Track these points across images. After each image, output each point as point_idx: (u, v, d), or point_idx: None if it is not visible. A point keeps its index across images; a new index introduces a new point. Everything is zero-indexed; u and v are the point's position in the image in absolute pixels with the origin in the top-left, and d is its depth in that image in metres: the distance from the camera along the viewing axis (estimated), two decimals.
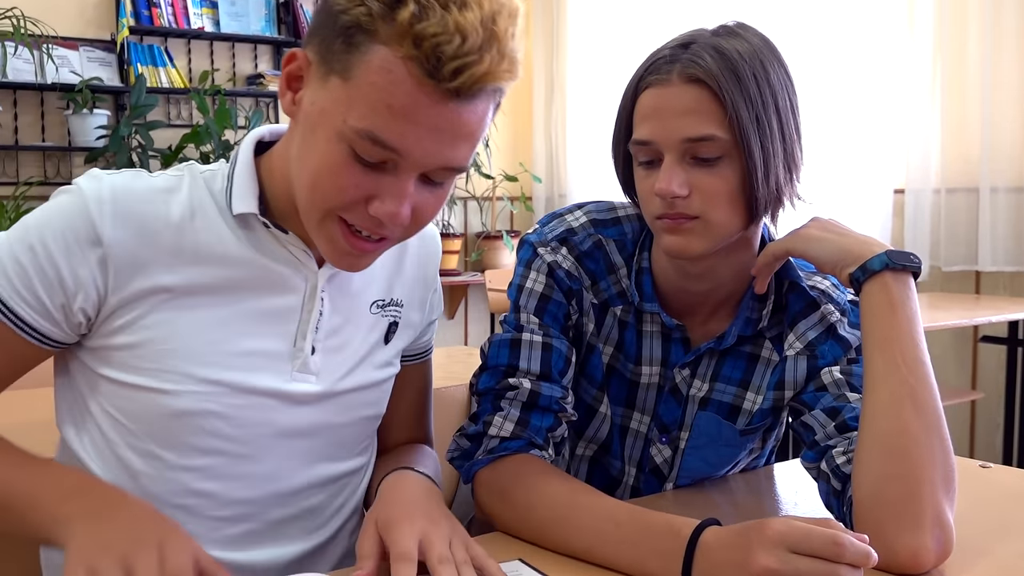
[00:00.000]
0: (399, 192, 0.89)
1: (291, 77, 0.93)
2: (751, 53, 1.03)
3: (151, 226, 0.97)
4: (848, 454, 1.03)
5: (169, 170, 1.03)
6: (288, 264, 1.02)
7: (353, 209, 0.91)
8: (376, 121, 0.85)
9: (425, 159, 0.88)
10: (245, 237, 1.00)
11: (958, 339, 3.89)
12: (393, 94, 0.84)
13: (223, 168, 1.03)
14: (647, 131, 1.05)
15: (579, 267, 1.18)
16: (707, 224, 1.05)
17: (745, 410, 1.18)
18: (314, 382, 1.03)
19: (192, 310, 0.97)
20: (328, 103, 0.88)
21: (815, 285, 1.17)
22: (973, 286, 3.86)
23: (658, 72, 1.04)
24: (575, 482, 1.06)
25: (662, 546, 0.90)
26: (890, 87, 3.93)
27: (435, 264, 1.19)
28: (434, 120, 0.86)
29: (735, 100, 1.01)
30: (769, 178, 1.04)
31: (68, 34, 4.42)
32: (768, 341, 1.18)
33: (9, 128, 4.38)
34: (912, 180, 3.89)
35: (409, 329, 1.15)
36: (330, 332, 1.05)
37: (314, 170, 0.90)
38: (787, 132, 1.05)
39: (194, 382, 0.97)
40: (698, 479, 1.24)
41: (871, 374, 1.00)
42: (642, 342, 1.19)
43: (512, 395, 1.12)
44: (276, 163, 1.01)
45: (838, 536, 0.82)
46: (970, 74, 3.71)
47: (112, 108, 4.55)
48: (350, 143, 0.87)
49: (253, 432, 1.01)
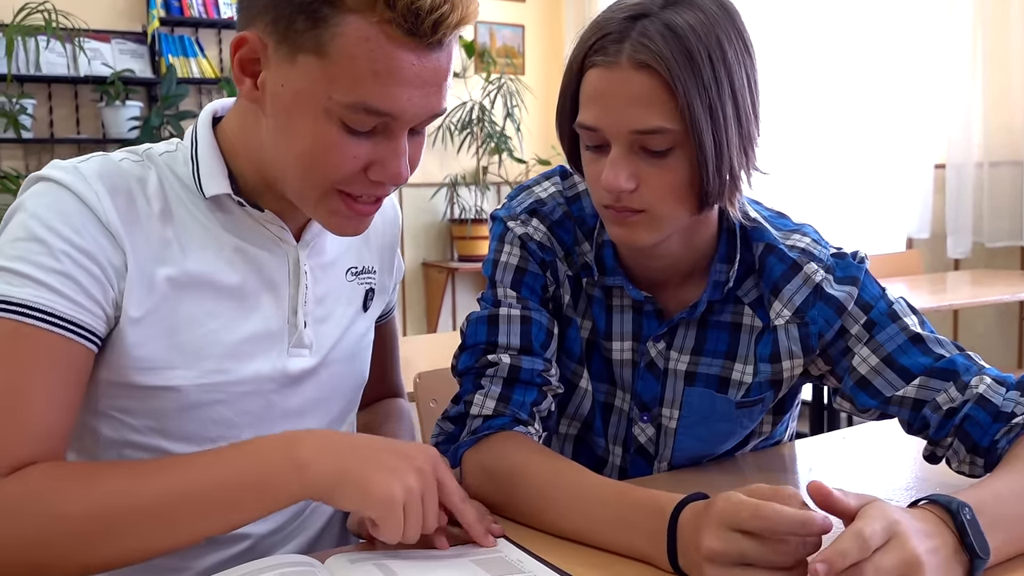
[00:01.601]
0: (396, 152, 0.90)
1: (245, 62, 0.90)
2: (706, 27, 0.94)
3: (138, 215, 0.94)
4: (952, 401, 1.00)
5: (124, 153, 0.98)
6: (268, 242, 1.01)
7: (353, 180, 0.91)
8: (365, 91, 0.85)
9: (417, 114, 0.89)
10: (222, 220, 0.98)
11: (1003, 316, 3.79)
12: (376, 60, 0.84)
13: (182, 150, 1.00)
14: (593, 117, 0.98)
15: (551, 237, 1.15)
16: (654, 217, 1.00)
17: (735, 381, 1.13)
18: (308, 355, 1.04)
19: (186, 302, 0.95)
20: (304, 83, 0.87)
21: (795, 244, 1.11)
22: (1018, 262, 3.75)
23: (605, 52, 0.96)
24: (560, 460, 1.02)
25: (649, 526, 0.86)
26: (929, 58, 3.81)
27: (396, 229, 1.20)
28: (420, 75, 0.86)
29: (688, 89, 0.93)
30: (722, 168, 0.98)
31: (99, 27, 4.46)
32: (748, 307, 1.12)
33: (44, 122, 4.43)
34: (953, 154, 3.78)
35: (383, 294, 1.18)
36: (316, 304, 1.05)
37: (305, 152, 0.89)
38: (743, 113, 0.98)
39: (198, 375, 0.96)
40: (695, 458, 1.19)
41: None
42: (611, 316, 1.15)
43: (492, 372, 1.09)
44: (233, 139, 0.99)
45: (762, 508, 0.75)
46: (1013, 43, 3.59)
47: (144, 99, 4.59)
48: (340, 118, 0.87)
49: (256, 416, 1.01)
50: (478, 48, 5.40)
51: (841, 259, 1.11)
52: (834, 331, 1.09)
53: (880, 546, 0.72)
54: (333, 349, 1.07)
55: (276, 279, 1.01)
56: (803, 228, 1.15)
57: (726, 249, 1.11)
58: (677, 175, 0.98)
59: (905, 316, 1.07)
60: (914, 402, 1.03)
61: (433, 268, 5.34)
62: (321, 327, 1.05)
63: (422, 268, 5.41)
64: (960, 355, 1.04)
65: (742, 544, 0.75)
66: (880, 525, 0.73)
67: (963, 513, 0.78)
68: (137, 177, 0.95)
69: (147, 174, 0.96)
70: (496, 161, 5.39)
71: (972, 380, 1.01)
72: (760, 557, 0.75)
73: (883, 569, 0.71)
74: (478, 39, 5.44)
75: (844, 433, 1.39)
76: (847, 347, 1.08)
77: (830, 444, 1.33)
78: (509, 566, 0.85)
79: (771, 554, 0.75)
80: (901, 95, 3.92)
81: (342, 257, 1.10)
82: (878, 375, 1.05)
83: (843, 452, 1.28)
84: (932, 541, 0.75)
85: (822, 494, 0.75)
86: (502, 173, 5.38)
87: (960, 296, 3.03)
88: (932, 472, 1.09)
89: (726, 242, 1.11)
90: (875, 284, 1.10)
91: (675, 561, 0.83)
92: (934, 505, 0.80)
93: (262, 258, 1.00)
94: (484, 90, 5.30)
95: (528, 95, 5.39)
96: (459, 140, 5.28)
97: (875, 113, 4.02)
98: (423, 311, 5.41)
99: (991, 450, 0.98)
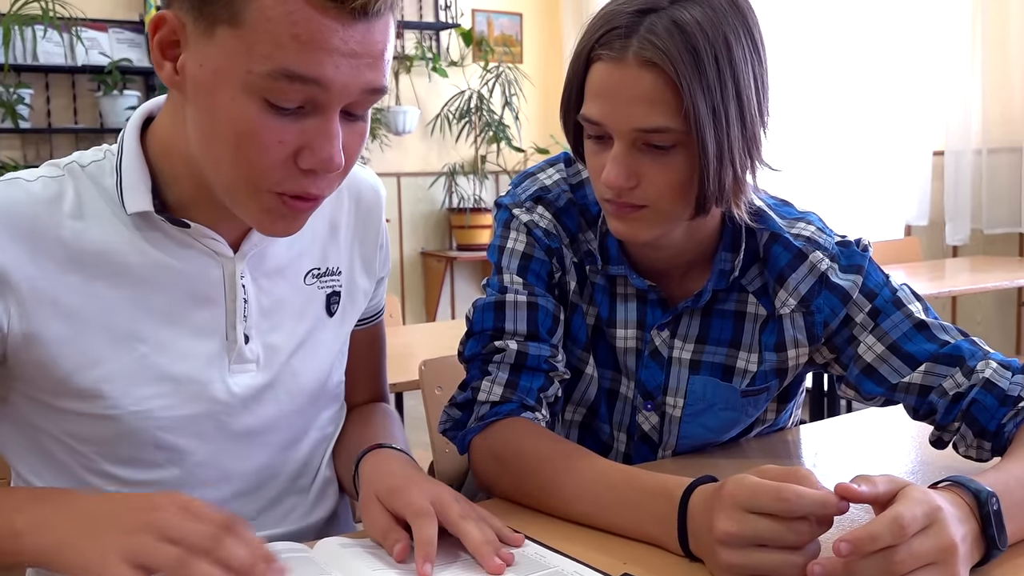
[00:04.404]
0: (328, 132, 0.82)
1: (164, 45, 0.83)
2: (713, 24, 0.94)
3: (42, 243, 0.88)
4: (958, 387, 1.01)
5: (44, 170, 0.93)
6: (199, 256, 0.94)
7: (283, 172, 0.83)
8: (286, 56, 0.78)
9: (348, 86, 0.80)
10: (147, 238, 0.92)
11: (1002, 302, 3.80)
12: (296, 23, 0.77)
13: (110, 158, 0.94)
14: (597, 111, 0.98)
15: (556, 224, 1.15)
16: (655, 213, 1.01)
17: (740, 369, 1.13)
18: (255, 371, 0.98)
19: (111, 329, 0.90)
20: (222, 59, 0.79)
21: (799, 233, 1.11)
22: (1017, 248, 3.76)
23: (611, 47, 0.95)
24: (568, 444, 1.02)
25: (658, 510, 0.86)
26: (928, 46, 3.81)
27: (377, 218, 1.11)
28: (347, 44, 0.79)
29: (692, 89, 0.93)
30: (723, 171, 0.97)
31: (97, 16, 4.44)
32: (752, 296, 1.13)
33: (42, 111, 4.42)
34: (952, 141, 3.78)
35: (359, 295, 1.10)
36: (261, 316, 0.98)
37: (227, 137, 0.81)
38: (748, 114, 0.97)
39: (132, 401, 0.92)
40: (699, 446, 1.19)
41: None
42: (615, 304, 1.15)
43: (499, 358, 1.09)
44: (163, 142, 0.92)
45: (783, 490, 0.75)
46: (1012, 30, 3.59)
47: (142, 89, 4.57)
48: (262, 93, 0.79)
49: (206, 438, 0.96)
50: (476, 37, 5.39)
51: (845, 247, 1.11)
52: (839, 319, 1.09)
53: (919, 530, 0.72)
54: (289, 362, 1.00)
55: (210, 294, 0.95)
56: (807, 216, 1.15)
57: (731, 238, 1.11)
58: (679, 173, 0.98)
59: (909, 303, 1.08)
60: (920, 388, 1.04)
61: (432, 257, 5.34)
62: (269, 339, 0.99)
63: (421, 257, 5.41)
64: (965, 340, 1.05)
65: (758, 525, 0.75)
66: (922, 510, 0.72)
67: (991, 503, 0.78)
68: (47, 197, 0.89)
69: (64, 191, 0.91)
70: (494, 150, 5.38)
71: (978, 365, 1.01)
72: (776, 538, 0.75)
73: (918, 555, 0.71)
74: (476, 27, 5.43)
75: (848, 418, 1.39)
76: (852, 335, 1.09)
77: (835, 429, 1.34)
78: (528, 561, 0.84)
79: (787, 534, 0.75)
80: (900, 82, 3.92)
81: (298, 261, 1.02)
82: (884, 362, 1.06)
83: (848, 437, 1.29)
84: (964, 527, 0.76)
85: (850, 494, 0.74)
86: (500, 162, 5.37)
87: (959, 283, 3.03)
88: (936, 456, 1.09)
89: (730, 231, 1.11)
90: (879, 272, 1.11)
91: (686, 544, 0.84)
92: (961, 489, 0.80)
93: (192, 274, 0.93)
94: (482, 79, 5.29)
95: (526, 83, 5.38)
96: (457, 129, 5.27)
97: (874, 100, 4.02)
98: (422, 300, 5.41)
99: (998, 434, 0.99)
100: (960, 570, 0.73)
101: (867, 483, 0.75)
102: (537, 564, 0.83)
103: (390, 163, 5.21)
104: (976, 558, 0.78)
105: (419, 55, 5.15)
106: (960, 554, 0.73)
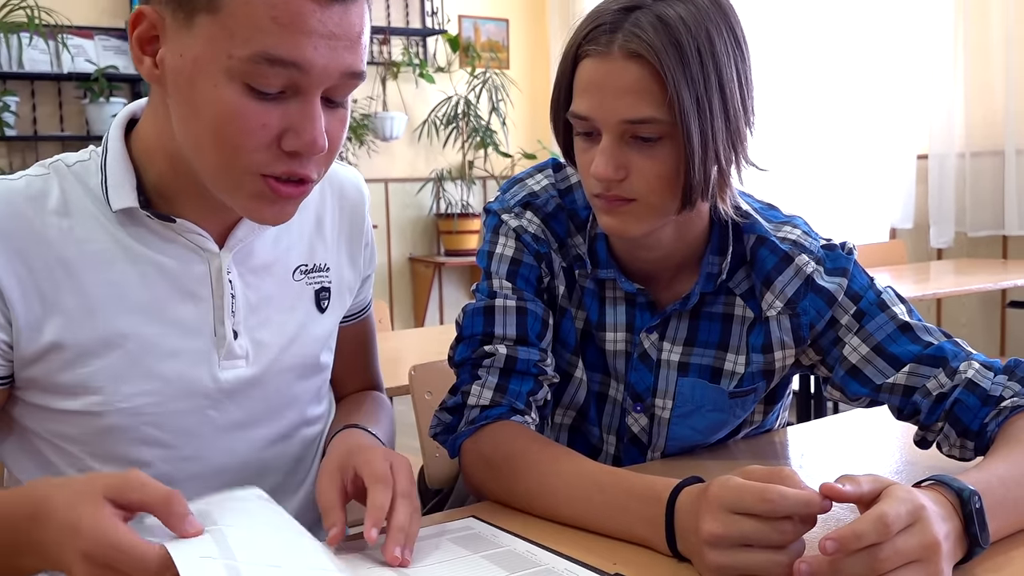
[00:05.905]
0: (310, 115, 0.84)
1: (144, 40, 0.85)
2: (696, 20, 0.97)
3: (26, 241, 0.89)
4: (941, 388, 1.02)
5: (30, 169, 0.94)
6: (185, 252, 0.95)
7: (268, 154, 0.84)
8: (266, 40, 0.80)
9: (327, 68, 0.82)
10: (134, 233, 0.93)
11: (986, 305, 3.82)
12: (275, 5, 0.79)
13: (95, 158, 0.95)
14: (585, 106, 1.00)
15: (545, 229, 1.16)
16: (644, 206, 1.02)
17: (727, 371, 1.15)
18: (244, 366, 0.98)
19: (98, 327, 0.91)
20: (202, 47, 0.81)
21: (785, 236, 1.13)
22: (1000, 251, 3.79)
23: (598, 42, 0.98)
24: (557, 447, 1.03)
25: (646, 511, 0.87)
26: (911, 50, 3.85)
27: (360, 215, 1.12)
28: (326, 26, 0.81)
29: (676, 80, 0.95)
30: (707, 162, 0.99)
31: (82, 23, 4.43)
32: (739, 298, 1.14)
33: (28, 119, 4.41)
34: (936, 145, 3.81)
35: (345, 292, 1.11)
36: (250, 311, 0.99)
37: (211, 124, 0.83)
38: (731, 108, 1.00)
39: (121, 398, 0.92)
40: (688, 448, 1.21)
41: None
42: (605, 308, 1.17)
43: (489, 362, 1.10)
44: (146, 141, 0.93)
45: (767, 491, 0.76)
46: (993, 34, 3.62)
47: (128, 96, 4.56)
48: (243, 77, 0.81)
49: (193, 433, 0.97)
50: (463, 42, 5.40)
51: (831, 251, 1.13)
52: (825, 321, 1.11)
53: (903, 528, 0.73)
54: (280, 357, 1.01)
55: (197, 290, 0.95)
56: (793, 220, 1.16)
57: (718, 241, 1.13)
58: (666, 165, 1.00)
59: (893, 305, 1.09)
60: (904, 389, 1.05)
61: (420, 263, 5.34)
62: (259, 334, 1.00)
63: (409, 263, 5.41)
64: (948, 342, 1.06)
65: (743, 526, 0.77)
66: (905, 508, 0.73)
67: (973, 502, 0.79)
68: (34, 196, 0.91)
69: (49, 188, 0.92)
70: (482, 155, 5.39)
71: (961, 366, 1.03)
72: (761, 538, 0.76)
73: (902, 552, 0.72)
74: (462, 33, 5.44)
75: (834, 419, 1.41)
76: (838, 337, 1.10)
77: (821, 430, 1.35)
78: (485, 542, 0.86)
79: (772, 534, 0.76)
80: (884, 87, 3.96)
81: (285, 257, 1.03)
82: (868, 363, 1.07)
83: (834, 438, 1.30)
84: (947, 525, 0.77)
85: (835, 493, 0.75)
86: (488, 167, 5.38)
87: (943, 285, 3.06)
88: (921, 456, 1.11)
89: (718, 234, 1.13)
90: (864, 274, 1.13)
91: (674, 545, 0.85)
92: (945, 488, 0.81)
93: (178, 270, 0.94)
94: (469, 84, 5.30)
95: (513, 89, 5.40)
96: (444, 135, 5.28)
97: (858, 104, 4.05)
98: (410, 306, 5.42)
99: (981, 433, 1.00)
100: (943, 567, 0.75)
101: (852, 483, 0.76)
102: (528, 561, 0.84)
103: (378, 169, 5.21)
104: (959, 555, 0.79)
105: (406, 61, 5.16)
106: (943, 551, 0.75)
